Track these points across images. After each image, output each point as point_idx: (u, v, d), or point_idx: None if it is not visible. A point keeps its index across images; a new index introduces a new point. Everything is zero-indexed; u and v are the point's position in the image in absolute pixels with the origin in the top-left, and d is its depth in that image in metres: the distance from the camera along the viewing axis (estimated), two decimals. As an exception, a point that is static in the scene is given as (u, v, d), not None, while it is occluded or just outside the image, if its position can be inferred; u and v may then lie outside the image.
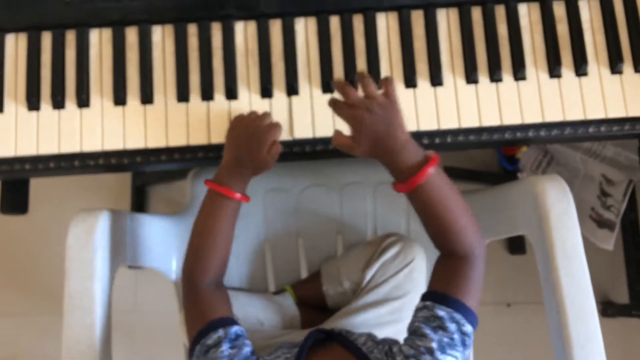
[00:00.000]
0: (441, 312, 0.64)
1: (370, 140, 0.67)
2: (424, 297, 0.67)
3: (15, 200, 0.85)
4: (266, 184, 0.99)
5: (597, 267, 1.50)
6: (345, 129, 0.69)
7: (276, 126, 0.73)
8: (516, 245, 1.49)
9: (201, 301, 0.72)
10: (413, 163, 0.66)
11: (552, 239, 0.75)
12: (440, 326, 0.63)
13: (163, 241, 0.95)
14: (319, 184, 1.01)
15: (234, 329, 0.68)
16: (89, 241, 0.74)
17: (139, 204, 1.53)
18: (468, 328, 0.64)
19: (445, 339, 0.62)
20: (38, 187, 1.48)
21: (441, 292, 0.66)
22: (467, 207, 0.69)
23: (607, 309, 1.45)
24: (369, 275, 0.87)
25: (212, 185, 0.73)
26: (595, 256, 1.49)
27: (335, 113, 0.70)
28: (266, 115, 0.74)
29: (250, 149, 0.71)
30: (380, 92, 0.68)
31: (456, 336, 0.62)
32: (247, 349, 0.66)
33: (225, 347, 0.65)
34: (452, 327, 0.63)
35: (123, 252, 0.81)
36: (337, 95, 0.70)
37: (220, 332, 0.67)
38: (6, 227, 1.53)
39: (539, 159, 1.53)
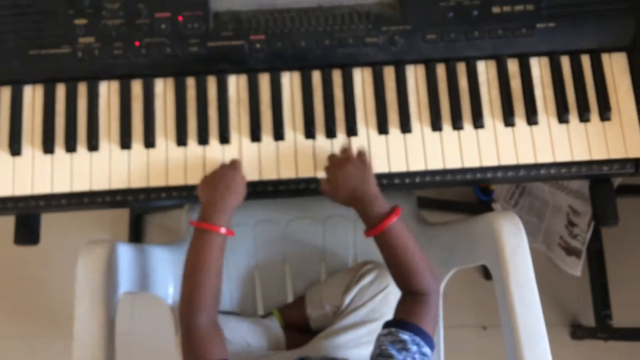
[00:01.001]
0: (404, 336, 0.74)
1: (346, 192, 0.81)
2: (388, 325, 0.77)
3: (28, 232, 0.94)
4: (256, 215, 1.09)
5: (566, 292, 1.61)
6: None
7: (237, 164, 0.84)
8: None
9: (198, 341, 0.76)
10: (380, 213, 0.79)
11: (507, 269, 0.84)
12: (404, 348, 0.73)
13: (160, 268, 1.04)
14: (304, 217, 1.10)
15: None
16: (96, 270, 0.83)
17: (137, 232, 1.61)
18: (427, 350, 0.75)
19: (409, 359, 0.72)
20: (47, 219, 1.57)
21: (404, 320, 0.76)
22: (423, 254, 0.81)
23: (576, 331, 1.55)
24: (348, 299, 0.97)
25: (198, 223, 0.80)
26: (564, 282, 1.59)
27: (326, 172, 0.83)
28: (232, 162, 0.85)
29: (227, 186, 0.81)
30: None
31: (417, 356, 0.73)
32: None
33: None
34: (413, 348, 0.73)
35: (125, 279, 0.90)
36: (318, 142, 0.81)
37: None
38: (10, 255, 1.60)
39: (512, 190, 1.64)
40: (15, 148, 0.85)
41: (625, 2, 0.89)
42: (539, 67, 0.90)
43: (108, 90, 0.88)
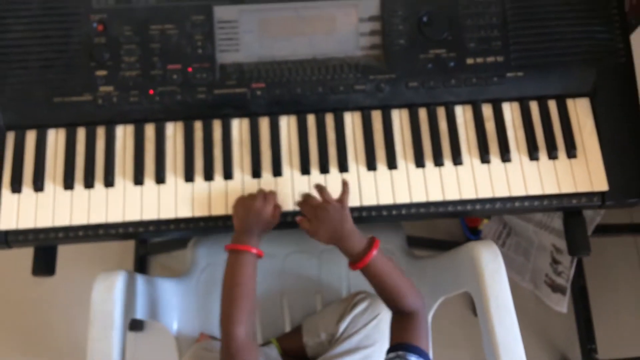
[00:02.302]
0: (412, 358, 0.81)
1: (328, 233, 0.89)
2: (394, 349, 0.84)
3: (45, 264, 1.02)
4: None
5: (553, 329, 1.67)
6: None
7: (271, 197, 0.92)
8: (481, 308, 1.65)
9: (235, 352, 0.83)
10: (360, 249, 0.88)
11: (486, 293, 0.92)
12: None
13: (166, 299, 1.12)
14: (300, 251, 1.19)
15: None
16: (109, 296, 0.90)
17: (142, 272, 1.68)
18: None
19: None
20: None
21: (407, 343, 0.84)
22: (405, 276, 0.89)
23: (565, 367, 1.60)
24: (342, 327, 1.04)
25: (233, 246, 0.89)
26: (552, 319, 1.65)
27: (301, 210, 0.91)
28: (263, 193, 0.93)
29: (257, 218, 0.90)
30: (335, 198, 0.91)
31: None
32: None
33: None
34: None
35: (134, 306, 0.98)
36: (313, 177, 0.91)
37: None
38: (20, 289, 1.67)
39: (499, 230, 1.72)
40: (38, 185, 0.94)
41: (586, 54, 1.01)
42: (510, 111, 1.01)
43: (124, 133, 0.98)
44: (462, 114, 1.01)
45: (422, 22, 0.99)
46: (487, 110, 1.01)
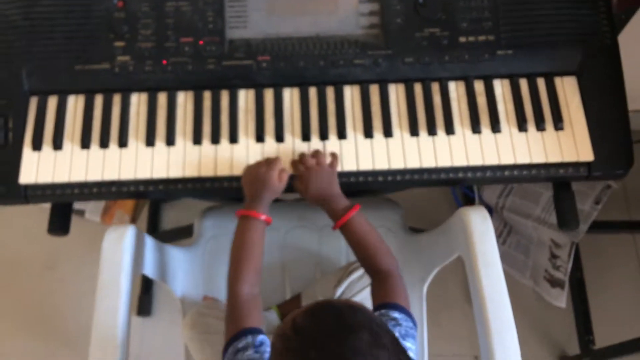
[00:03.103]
0: (395, 314, 0.86)
1: (316, 193, 0.97)
2: (377, 309, 0.89)
3: (60, 223, 1.08)
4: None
5: (553, 326, 1.69)
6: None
7: (275, 163, 0.98)
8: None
9: (240, 307, 0.89)
10: (343, 209, 0.95)
11: (475, 251, 0.97)
12: (397, 324, 0.84)
13: (173, 265, 1.17)
14: (302, 226, 1.24)
15: (260, 337, 0.85)
16: (119, 245, 0.96)
17: (149, 261, 1.74)
18: (411, 324, 0.86)
19: (403, 331, 0.84)
20: (61, 246, 1.71)
21: (387, 302, 0.88)
22: (382, 240, 0.95)
23: (563, 362, 1.62)
24: (339, 291, 1.08)
25: (243, 212, 0.95)
26: (551, 316, 1.67)
27: (294, 169, 0.99)
28: (268, 160, 1.00)
29: (264, 185, 0.96)
30: (328, 161, 0.99)
31: (409, 330, 0.85)
32: (267, 355, 0.84)
33: (251, 352, 0.83)
34: (404, 323, 0.85)
35: (142, 262, 1.03)
36: (313, 144, 0.97)
37: (249, 338, 0.84)
38: (31, 281, 1.73)
39: (500, 229, 1.76)
40: (57, 143, 1.02)
41: (572, 35, 1.07)
42: (501, 87, 1.07)
43: (138, 100, 1.05)
44: (455, 89, 1.07)
45: (418, 3, 1.07)
46: (478, 86, 1.07)
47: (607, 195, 1.69)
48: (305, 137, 1.03)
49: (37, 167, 1.01)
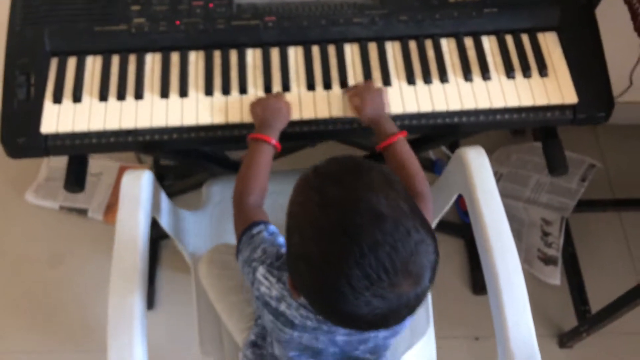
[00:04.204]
0: None
1: (372, 110, 1.04)
2: None
3: (76, 178, 1.13)
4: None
5: (550, 306, 1.73)
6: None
7: (281, 96, 1.07)
8: (479, 285, 1.72)
9: (246, 212, 0.94)
10: (391, 130, 1.02)
11: (473, 183, 1.03)
12: None
13: (183, 225, 1.22)
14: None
15: (271, 226, 0.91)
16: (137, 183, 1.01)
17: (153, 255, 1.76)
18: None
19: None
20: (64, 245, 1.74)
21: None
22: (420, 166, 1.01)
23: (563, 339, 1.64)
24: None
25: (254, 135, 1.01)
26: (548, 296, 1.71)
27: (350, 92, 1.07)
28: (275, 93, 1.08)
29: (276, 113, 1.03)
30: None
31: None
32: (280, 239, 0.89)
33: (266, 234, 0.89)
34: None
35: (158, 206, 1.08)
36: (317, 93, 1.09)
37: (262, 226, 0.90)
38: (38, 279, 1.74)
39: (492, 216, 1.82)
40: (76, 96, 1.08)
41: (551, -6, 1.18)
42: (488, 42, 1.16)
43: (152, 59, 1.13)
44: (447, 44, 1.16)
45: (409, -31, 1.17)
46: (468, 41, 1.16)
47: (592, 174, 1.77)
48: (310, 86, 1.11)
49: (58, 117, 1.07)
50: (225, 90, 1.10)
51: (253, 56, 1.14)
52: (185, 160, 1.39)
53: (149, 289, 1.71)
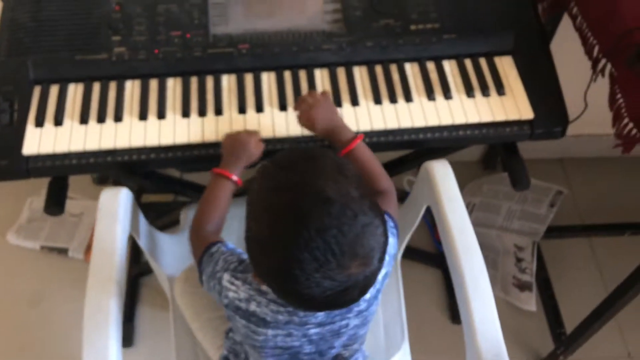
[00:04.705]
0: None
1: (324, 123, 1.08)
2: None
3: (56, 201, 1.16)
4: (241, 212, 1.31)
5: (527, 332, 1.75)
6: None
7: (255, 133, 1.11)
8: (457, 314, 1.73)
9: (204, 238, 0.97)
10: (348, 137, 1.07)
11: (439, 191, 1.08)
12: None
13: (160, 246, 1.24)
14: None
15: (229, 243, 0.95)
16: (115, 198, 1.05)
17: (132, 293, 1.77)
18: (392, 223, 0.96)
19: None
20: (45, 284, 1.74)
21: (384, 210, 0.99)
22: (381, 165, 1.06)
23: (541, 364, 1.66)
24: None
25: (217, 170, 1.05)
26: (524, 322, 1.73)
27: (298, 109, 1.11)
28: (247, 130, 1.12)
29: (242, 148, 1.07)
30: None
31: (393, 230, 0.94)
32: (240, 250, 0.93)
33: (224, 248, 0.93)
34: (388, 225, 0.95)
35: (136, 224, 1.11)
36: (290, 113, 1.14)
37: (219, 244, 0.94)
38: (14, 313, 1.72)
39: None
40: (58, 119, 1.13)
41: (504, 21, 1.26)
42: (449, 65, 1.24)
43: (132, 85, 1.18)
44: (411, 68, 1.23)
45: (373, 1, 1.26)
46: (430, 65, 1.24)
47: (560, 200, 1.84)
48: (282, 107, 1.17)
49: (39, 139, 1.11)
50: (202, 112, 1.15)
51: (228, 81, 1.20)
52: (165, 188, 1.43)
53: (128, 326, 1.71)
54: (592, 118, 1.81)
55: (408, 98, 1.19)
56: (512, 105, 1.19)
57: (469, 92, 1.20)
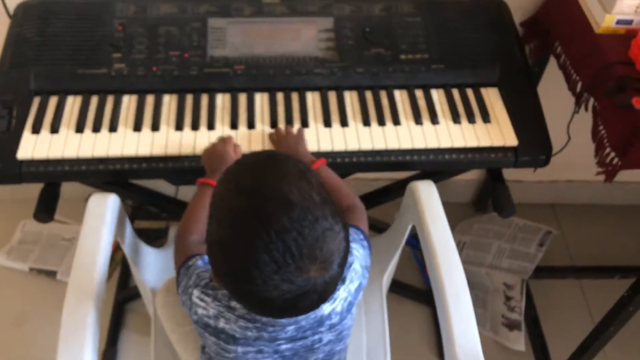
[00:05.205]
0: (351, 229, 0.97)
1: (290, 150, 1.12)
2: None
3: (46, 208, 1.18)
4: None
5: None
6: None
7: (229, 140, 1.14)
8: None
9: (186, 248, 0.98)
10: (312, 161, 1.10)
11: (423, 209, 1.10)
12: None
13: (147, 259, 1.25)
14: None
15: (206, 257, 0.95)
16: (103, 202, 1.06)
17: (117, 318, 1.75)
18: (361, 235, 0.97)
19: (357, 244, 0.95)
20: (30, 305, 1.73)
21: (351, 224, 1.00)
22: (345, 185, 1.09)
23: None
24: None
25: (202, 180, 1.07)
26: (513, 362, 1.71)
27: (270, 138, 1.16)
28: (222, 138, 1.15)
29: (220, 157, 1.10)
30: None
31: (364, 243, 0.96)
32: None
33: (200, 262, 0.93)
34: (357, 237, 0.96)
35: (123, 230, 1.12)
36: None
37: (197, 257, 0.94)
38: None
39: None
40: (54, 127, 1.16)
41: (491, 56, 1.32)
42: (437, 94, 1.28)
43: (129, 100, 1.22)
44: (399, 94, 1.27)
45: (365, 32, 1.32)
46: (418, 93, 1.28)
47: (550, 240, 1.84)
48: (274, 124, 1.20)
49: (35, 145, 1.14)
50: (195, 126, 1.19)
51: (222, 99, 1.24)
52: (159, 205, 1.45)
53: (111, 351, 1.68)
54: (582, 162, 1.85)
55: (396, 121, 1.22)
56: (497, 132, 1.22)
57: (456, 119, 1.24)
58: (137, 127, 1.18)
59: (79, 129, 1.17)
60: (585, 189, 2.05)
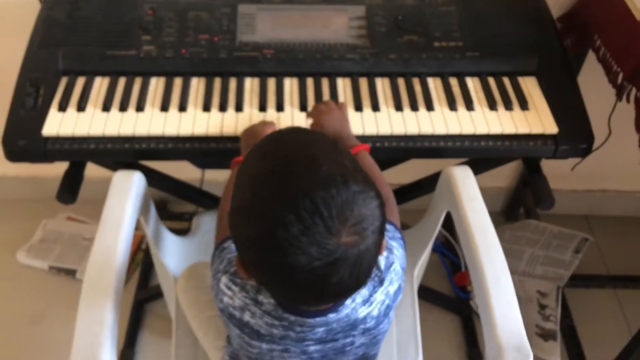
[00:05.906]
0: (388, 225, 0.92)
1: (333, 130, 1.06)
2: None
3: (70, 188, 1.15)
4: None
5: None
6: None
7: (271, 123, 1.10)
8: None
9: (224, 227, 0.90)
10: (352, 145, 1.05)
11: (459, 193, 1.05)
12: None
13: (169, 246, 1.21)
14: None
15: None
16: (128, 178, 1.03)
17: (136, 318, 1.71)
18: (398, 234, 0.92)
19: (389, 235, 0.89)
20: (48, 304, 1.70)
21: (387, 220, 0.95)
22: (382, 175, 1.04)
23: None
24: None
25: (238, 159, 1.03)
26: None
27: (310, 114, 1.11)
28: (263, 121, 1.12)
29: (256, 138, 1.07)
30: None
31: (400, 241, 0.91)
32: None
33: (233, 247, 0.88)
34: (396, 235, 0.91)
35: (146, 206, 1.08)
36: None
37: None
38: (17, 341, 1.67)
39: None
40: (81, 106, 1.14)
41: (528, 46, 1.27)
42: (472, 82, 1.24)
43: (157, 82, 1.20)
44: (433, 82, 1.24)
45: (398, 19, 1.29)
46: (453, 81, 1.24)
47: (586, 247, 1.77)
48: (303, 107, 1.17)
49: (60, 122, 1.12)
50: (222, 107, 1.16)
51: (251, 83, 1.21)
52: (183, 196, 1.42)
53: (129, 352, 1.64)
54: (617, 172, 1.79)
55: (430, 107, 1.18)
56: (536, 119, 1.17)
57: (492, 105, 1.19)
58: (165, 108, 1.15)
59: (106, 108, 1.14)
60: (619, 200, 1.98)
